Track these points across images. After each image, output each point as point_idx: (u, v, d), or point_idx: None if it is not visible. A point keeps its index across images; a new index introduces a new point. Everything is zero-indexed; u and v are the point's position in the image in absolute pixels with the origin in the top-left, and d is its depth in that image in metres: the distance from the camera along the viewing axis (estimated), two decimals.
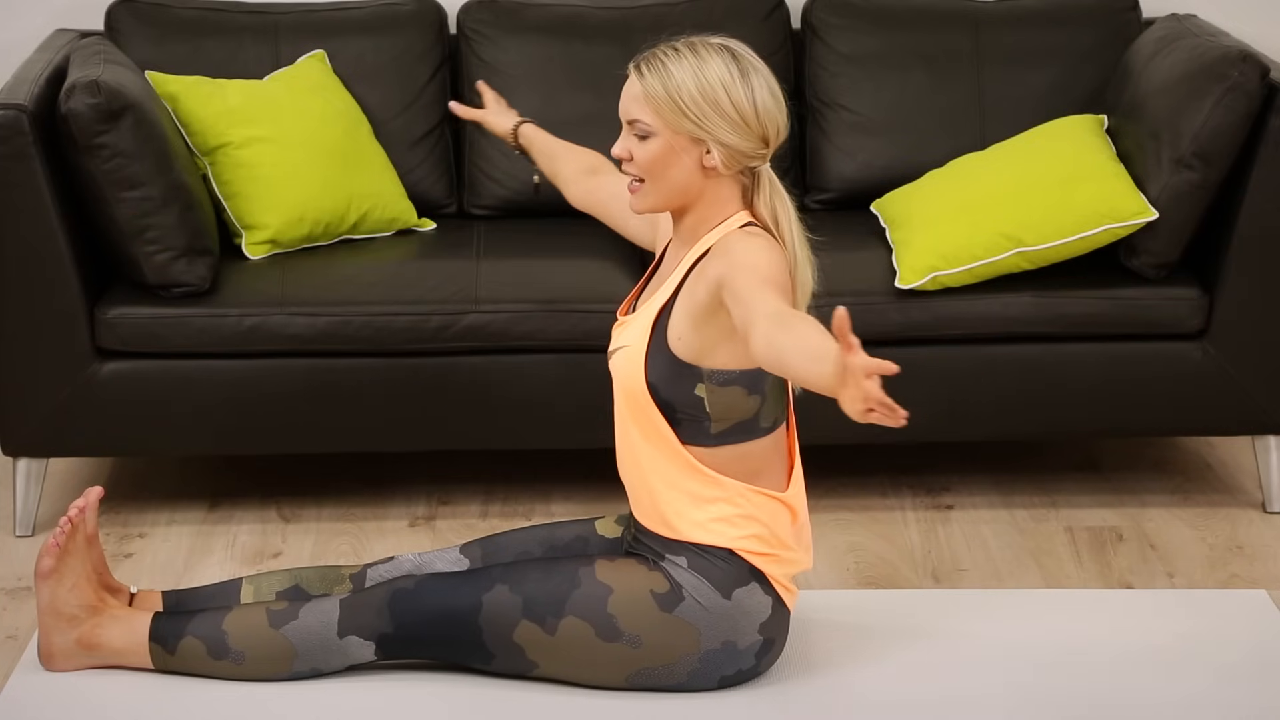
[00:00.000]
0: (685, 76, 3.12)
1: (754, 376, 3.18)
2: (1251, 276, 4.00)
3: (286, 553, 3.98)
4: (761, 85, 3.14)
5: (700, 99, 3.11)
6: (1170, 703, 3.29)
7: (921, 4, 4.58)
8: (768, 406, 3.22)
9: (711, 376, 3.17)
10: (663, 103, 3.13)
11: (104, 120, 3.86)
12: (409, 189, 4.42)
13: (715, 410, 3.19)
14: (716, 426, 3.21)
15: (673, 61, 3.14)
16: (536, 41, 4.51)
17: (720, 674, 3.27)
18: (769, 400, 3.22)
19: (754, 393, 3.19)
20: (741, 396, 3.19)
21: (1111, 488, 4.25)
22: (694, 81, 3.12)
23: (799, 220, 3.23)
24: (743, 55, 3.16)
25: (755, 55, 3.19)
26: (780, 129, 3.17)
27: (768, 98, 3.14)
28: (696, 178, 3.17)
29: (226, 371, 3.99)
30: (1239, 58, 3.94)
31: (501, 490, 4.26)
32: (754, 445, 3.24)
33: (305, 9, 4.59)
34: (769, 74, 3.18)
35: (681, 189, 3.18)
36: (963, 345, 4.03)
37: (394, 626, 3.29)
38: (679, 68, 3.13)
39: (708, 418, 3.20)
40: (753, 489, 3.24)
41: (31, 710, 3.29)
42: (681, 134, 3.14)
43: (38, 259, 3.92)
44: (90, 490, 3.41)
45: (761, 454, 3.25)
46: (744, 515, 3.24)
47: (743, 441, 3.22)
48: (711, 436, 3.22)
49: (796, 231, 3.21)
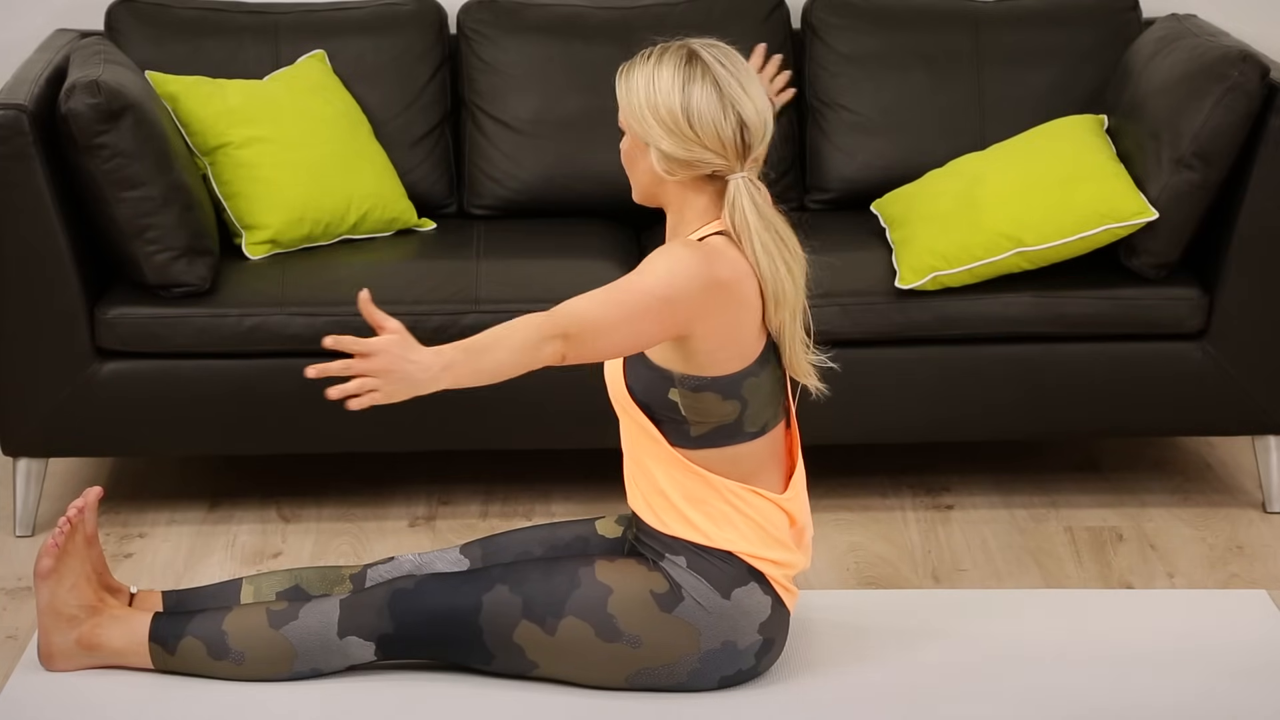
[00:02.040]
0: (639, 82, 3.14)
1: (728, 382, 3.17)
2: (1251, 276, 4.00)
3: (286, 553, 3.98)
4: (706, 94, 3.09)
5: (643, 105, 3.13)
6: (1170, 703, 3.29)
7: (921, 4, 4.58)
8: (752, 411, 3.21)
9: (683, 382, 3.18)
10: (623, 106, 3.17)
11: (104, 120, 3.86)
12: (409, 189, 4.42)
13: (691, 414, 3.19)
14: (696, 429, 3.21)
15: (638, 66, 3.16)
16: (536, 41, 4.51)
17: (720, 674, 3.27)
18: (752, 405, 3.21)
19: (730, 398, 3.18)
20: (716, 402, 3.18)
21: (1111, 488, 4.25)
22: (642, 88, 3.13)
23: (775, 231, 3.16)
24: (704, 61, 3.11)
25: (731, 61, 3.13)
26: (726, 138, 3.10)
27: (709, 106, 3.09)
28: (656, 180, 3.18)
29: (226, 371, 3.99)
30: (1239, 58, 3.94)
31: (501, 490, 4.26)
32: (741, 449, 3.23)
33: (305, 9, 4.59)
34: (733, 81, 3.11)
35: (648, 187, 3.20)
36: (963, 345, 4.03)
37: (394, 627, 3.29)
38: (640, 73, 3.15)
39: (685, 420, 3.20)
40: (747, 489, 3.23)
41: (31, 710, 3.29)
42: (636, 138, 3.16)
43: (38, 259, 3.92)
44: (89, 490, 3.41)
45: (752, 457, 3.24)
46: (739, 515, 3.23)
47: (727, 445, 3.22)
48: (692, 439, 3.22)
49: (761, 246, 3.13)
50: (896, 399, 4.05)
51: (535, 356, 2.97)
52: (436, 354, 2.88)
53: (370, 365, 2.83)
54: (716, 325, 3.13)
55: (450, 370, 2.89)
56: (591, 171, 4.43)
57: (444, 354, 2.89)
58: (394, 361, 2.84)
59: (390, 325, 2.85)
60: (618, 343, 3.07)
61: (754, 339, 3.18)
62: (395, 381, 2.84)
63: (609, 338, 3.05)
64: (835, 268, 3.75)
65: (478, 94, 4.51)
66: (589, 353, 3.04)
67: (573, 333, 3.00)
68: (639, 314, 3.05)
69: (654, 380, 3.20)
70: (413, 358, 2.85)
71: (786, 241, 3.16)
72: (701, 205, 3.19)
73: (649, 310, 3.06)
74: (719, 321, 3.13)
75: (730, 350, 3.16)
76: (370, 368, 2.83)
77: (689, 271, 3.08)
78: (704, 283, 3.09)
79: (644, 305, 3.05)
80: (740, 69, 3.13)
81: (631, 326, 3.06)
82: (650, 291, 3.06)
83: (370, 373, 2.83)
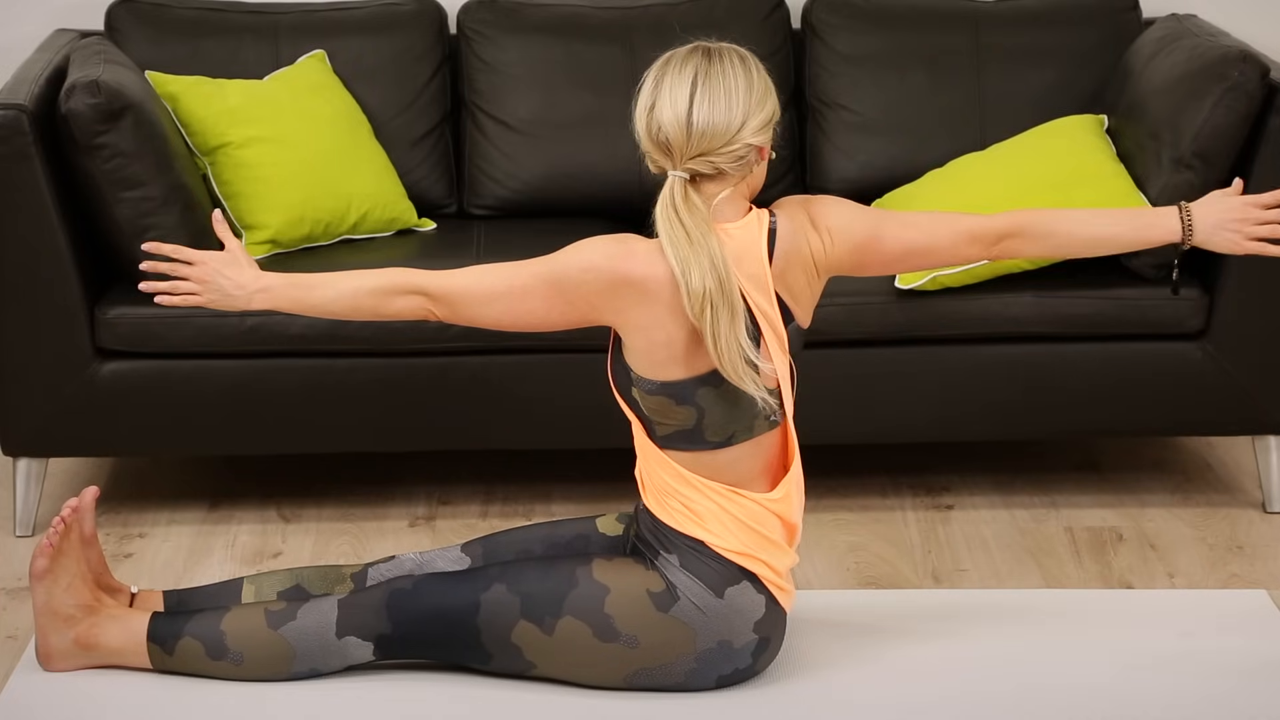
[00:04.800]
0: None
1: (679, 388, 3.17)
2: (1251, 276, 4.00)
3: (286, 553, 3.98)
4: (656, 92, 3.12)
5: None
6: (1170, 703, 3.29)
7: (921, 4, 4.58)
8: (711, 422, 3.20)
9: (638, 382, 3.19)
10: None
11: (104, 120, 3.86)
12: (409, 189, 4.42)
13: (651, 414, 3.21)
14: (660, 430, 3.22)
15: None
16: (536, 41, 4.51)
17: (718, 673, 3.27)
18: (710, 416, 3.19)
19: (684, 404, 3.18)
20: (669, 406, 3.19)
21: (1111, 488, 4.25)
22: None
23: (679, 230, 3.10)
24: (676, 60, 3.14)
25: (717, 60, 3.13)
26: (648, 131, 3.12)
27: (654, 103, 3.11)
28: None
29: (226, 371, 3.99)
30: (1239, 58, 3.94)
31: (501, 490, 4.26)
32: (707, 456, 3.22)
33: (305, 9, 4.59)
34: (678, 80, 3.11)
35: None
36: (963, 345, 4.03)
37: (392, 627, 3.29)
38: None
39: (649, 420, 3.22)
40: (730, 489, 3.22)
41: (31, 710, 3.29)
42: None
43: (38, 259, 3.92)
44: (85, 490, 3.41)
45: (726, 464, 3.22)
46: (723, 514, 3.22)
47: (691, 450, 3.22)
48: (659, 438, 3.23)
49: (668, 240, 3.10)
50: (896, 399, 4.05)
51: (383, 304, 3.23)
52: (257, 278, 3.25)
53: (191, 272, 3.25)
54: (635, 322, 3.14)
55: (268, 294, 3.25)
56: (591, 171, 4.43)
57: (265, 280, 3.25)
58: (211, 274, 3.25)
59: (230, 244, 3.26)
60: (499, 314, 3.20)
61: (689, 345, 3.17)
62: (211, 291, 3.25)
63: (487, 307, 3.20)
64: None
65: (478, 94, 4.51)
66: (464, 317, 3.22)
67: (436, 293, 3.20)
68: (522, 291, 3.17)
69: (622, 376, 3.23)
70: (229, 274, 3.25)
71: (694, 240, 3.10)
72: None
73: (532, 289, 3.17)
74: (636, 318, 3.14)
75: (664, 352, 3.16)
76: (191, 274, 3.25)
77: (588, 262, 3.15)
78: (606, 276, 3.14)
79: (527, 284, 3.17)
80: (704, 67, 3.12)
81: (513, 301, 3.18)
82: (536, 272, 3.18)
83: (190, 278, 3.25)
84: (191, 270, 3.25)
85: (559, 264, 3.17)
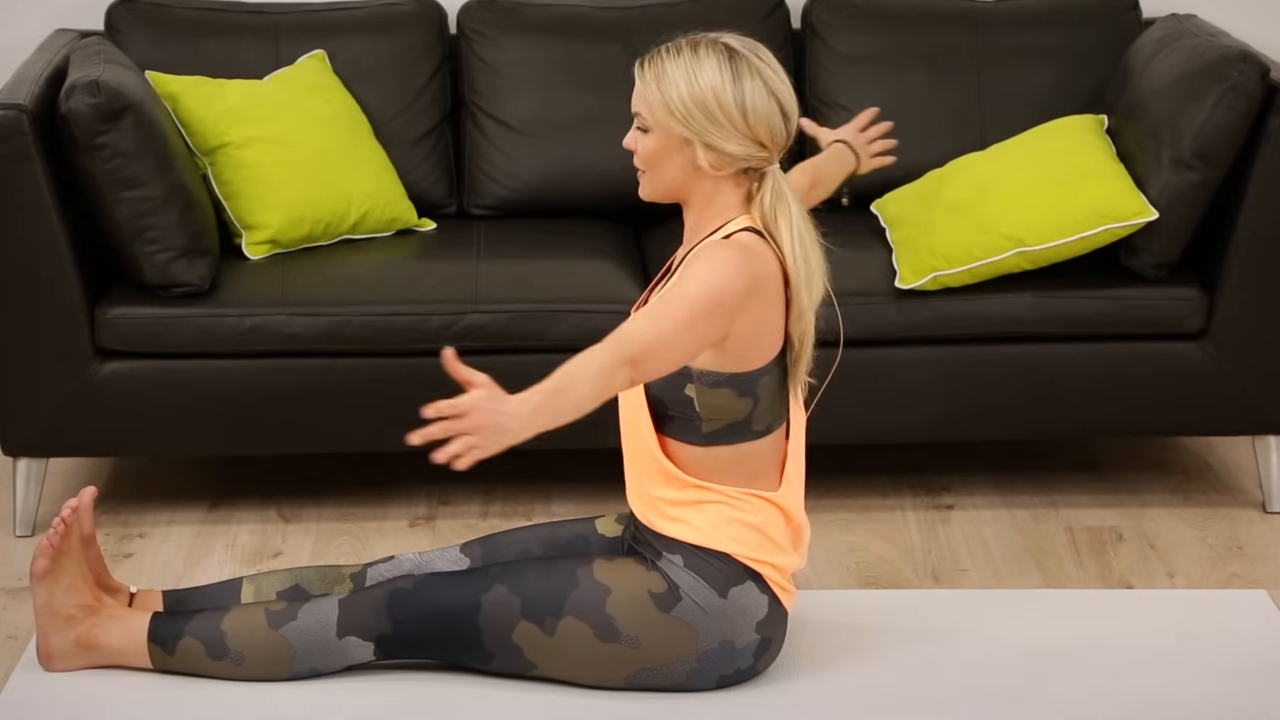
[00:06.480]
0: (678, 78, 3.12)
1: (745, 380, 3.18)
2: (1251, 276, 4.00)
3: (286, 553, 3.98)
4: (756, 88, 3.12)
5: (689, 101, 3.11)
6: (1170, 703, 3.29)
7: (921, 4, 4.58)
8: (761, 410, 3.22)
9: (701, 377, 3.18)
10: (655, 102, 3.14)
11: (104, 120, 3.86)
12: (409, 189, 4.42)
13: (705, 410, 3.19)
14: (707, 426, 3.21)
15: (670, 61, 3.14)
16: (536, 41, 4.51)
17: (719, 673, 3.27)
18: (763, 404, 3.21)
19: (745, 395, 3.19)
20: (732, 398, 3.19)
21: (1111, 488, 4.25)
22: (685, 84, 3.12)
23: (807, 225, 3.19)
24: (744, 55, 3.14)
25: (763, 54, 3.16)
26: (776, 131, 3.14)
27: (761, 100, 3.12)
28: (690, 176, 3.17)
29: (226, 371, 3.99)
30: (1239, 58, 3.94)
31: (501, 490, 4.26)
32: (749, 447, 3.23)
33: (305, 9, 4.59)
34: (773, 74, 3.15)
35: (677, 185, 3.19)
36: (963, 345, 4.03)
37: (392, 627, 3.29)
38: (674, 68, 3.13)
39: (698, 417, 3.20)
40: (744, 491, 3.23)
41: (31, 710, 3.29)
42: (673, 134, 3.14)
43: (38, 259, 3.92)
44: (84, 490, 3.41)
45: (758, 456, 3.24)
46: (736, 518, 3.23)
47: (736, 443, 3.22)
48: (703, 435, 3.22)
49: (798, 239, 3.17)
50: (896, 399, 4.05)
51: (609, 385, 2.97)
52: (522, 402, 2.87)
53: (466, 424, 2.81)
54: (752, 322, 3.14)
55: (538, 415, 2.88)
56: (591, 171, 4.43)
57: (529, 400, 2.88)
58: (487, 416, 2.82)
59: (478, 380, 2.83)
60: (678, 355, 3.07)
61: (778, 336, 3.19)
62: (489, 434, 2.83)
63: (670, 353, 3.05)
64: (835, 268, 3.75)
65: (478, 94, 4.51)
66: (654, 371, 3.05)
67: (639, 356, 3.00)
68: (693, 323, 3.06)
69: (671, 376, 3.19)
70: (503, 409, 2.84)
71: (814, 232, 3.19)
72: (733, 200, 3.19)
73: (701, 316, 3.06)
74: (754, 318, 3.14)
75: (759, 346, 3.17)
76: (466, 426, 2.82)
77: (733, 270, 3.10)
78: (748, 281, 3.11)
79: (696, 313, 3.06)
80: (770, 60, 3.16)
81: (688, 336, 3.06)
82: (699, 299, 3.06)
83: (467, 431, 2.82)
84: (466, 422, 2.81)
85: (711, 283, 3.07)
